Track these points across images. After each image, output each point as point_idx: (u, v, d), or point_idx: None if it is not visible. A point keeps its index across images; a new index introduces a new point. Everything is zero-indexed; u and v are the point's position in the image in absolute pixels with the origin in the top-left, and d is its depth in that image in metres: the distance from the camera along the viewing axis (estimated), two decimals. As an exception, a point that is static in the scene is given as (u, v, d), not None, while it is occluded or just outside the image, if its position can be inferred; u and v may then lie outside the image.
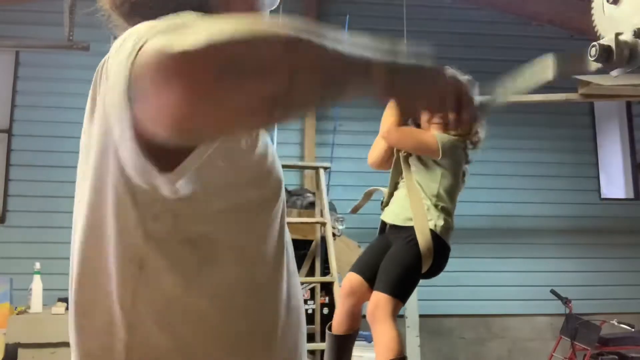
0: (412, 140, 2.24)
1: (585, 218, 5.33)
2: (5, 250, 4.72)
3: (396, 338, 2.07)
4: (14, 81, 5.10)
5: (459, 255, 5.32)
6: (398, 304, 2.12)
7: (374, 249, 2.30)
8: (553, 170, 5.48)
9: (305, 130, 5.20)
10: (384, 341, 2.06)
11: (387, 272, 2.15)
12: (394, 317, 2.09)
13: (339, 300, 2.28)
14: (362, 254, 2.35)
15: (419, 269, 2.16)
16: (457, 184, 2.30)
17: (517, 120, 5.43)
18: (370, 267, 2.23)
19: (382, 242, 2.29)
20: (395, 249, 2.20)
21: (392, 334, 2.06)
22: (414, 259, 2.15)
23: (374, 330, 2.10)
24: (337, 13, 5.36)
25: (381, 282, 2.14)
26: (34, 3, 5.06)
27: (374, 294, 2.14)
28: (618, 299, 5.20)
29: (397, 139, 2.24)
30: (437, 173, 2.24)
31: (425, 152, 2.23)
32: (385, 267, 2.17)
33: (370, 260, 2.26)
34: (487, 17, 5.67)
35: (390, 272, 2.15)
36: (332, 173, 4.27)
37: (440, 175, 2.23)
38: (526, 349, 5.26)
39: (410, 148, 2.26)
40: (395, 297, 2.11)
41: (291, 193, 4.25)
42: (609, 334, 4.50)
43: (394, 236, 2.25)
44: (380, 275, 2.16)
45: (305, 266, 3.86)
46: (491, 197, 5.35)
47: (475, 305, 5.18)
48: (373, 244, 2.33)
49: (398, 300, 2.12)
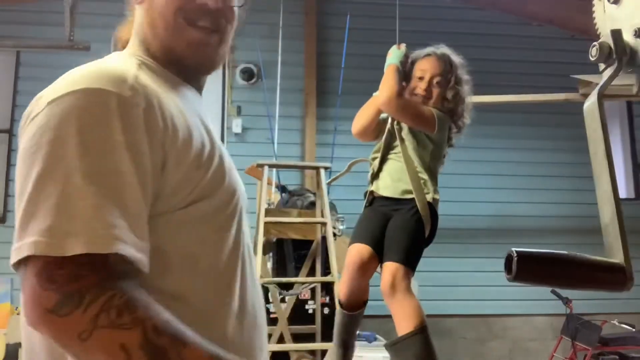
0: (413, 111, 2.22)
1: (585, 218, 5.32)
2: (5, 250, 4.69)
3: (418, 305, 2.06)
4: (14, 81, 5.11)
5: (459, 255, 5.35)
6: (410, 273, 2.12)
7: (373, 221, 2.25)
8: (553, 170, 5.48)
9: (305, 130, 5.20)
10: (409, 310, 2.04)
11: (398, 242, 2.14)
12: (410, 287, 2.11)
13: (348, 274, 2.19)
14: (361, 226, 2.29)
15: (424, 238, 2.19)
16: (441, 160, 2.30)
17: (517, 120, 5.43)
18: (375, 239, 2.20)
19: (379, 214, 2.26)
20: (402, 220, 2.19)
21: (415, 302, 2.06)
22: (419, 229, 2.17)
23: (395, 300, 2.07)
24: (337, 13, 5.36)
25: (395, 253, 2.12)
26: (34, 3, 5.07)
27: (389, 265, 2.11)
28: (619, 299, 5.18)
29: (398, 107, 2.20)
30: (428, 147, 2.23)
31: (423, 125, 2.21)
32: (396, 238, 2.16)
33: (375, 231, 2.22)
34: (487, 17, 5.67)
35: (400, 243, 2.14)
36: (333, 173, 4.27)
37: (430, 149, 2.23)
38: (527, 349, 5.26)
39: (409, 118, 2.23)
40: (408, 266, 2.11)
41: (292, 193, 4.25)
42: (610, 334, 4.50)
43: (392, 208, 2.24)
44: (392, 246, 2.15)
45: (306, 266, 3.86)
46: (491, 197, 5.35)
47: (475, 305, 5.18)
48: (369, 215, 2.29)
49: (410, 269, 2.12)
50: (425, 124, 2.20)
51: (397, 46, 2.34)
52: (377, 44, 5.75)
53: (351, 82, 4.88)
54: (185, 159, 0.84)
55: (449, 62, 2.27)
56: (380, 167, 2.31)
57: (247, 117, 5.16)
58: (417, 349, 2.00)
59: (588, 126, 0.87)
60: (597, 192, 0.85)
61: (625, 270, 0.78)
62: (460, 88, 2.26)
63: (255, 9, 5.39)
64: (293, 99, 5.19)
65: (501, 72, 5.39)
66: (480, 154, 5.24)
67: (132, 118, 0.79)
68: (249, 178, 4.27)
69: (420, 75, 2.26)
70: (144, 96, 0.82)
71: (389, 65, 2.27)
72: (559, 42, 5.61)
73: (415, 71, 2.28)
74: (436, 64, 2.26)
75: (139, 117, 0.80)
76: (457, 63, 2.29)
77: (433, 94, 2.24)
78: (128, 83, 0.82)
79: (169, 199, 0.82)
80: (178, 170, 0.83)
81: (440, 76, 2.24)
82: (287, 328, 3.68)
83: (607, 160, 0.82)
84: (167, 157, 0.82)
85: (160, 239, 0.82)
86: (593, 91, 0.86)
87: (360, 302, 2.24)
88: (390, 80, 2.21)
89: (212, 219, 0.87)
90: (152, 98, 0.83)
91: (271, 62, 5.01)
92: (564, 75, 4.52)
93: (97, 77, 0.81)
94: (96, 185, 0.74)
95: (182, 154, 0.83)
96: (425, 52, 2.31)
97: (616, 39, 0.84)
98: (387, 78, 2.23)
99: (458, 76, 2.27)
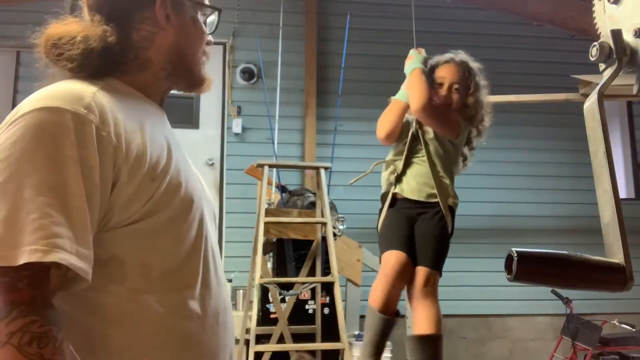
0: (442, 118, 2.28)
1: (585, 218, 5.33)
2: None
3: (440, 313, 2.20)
4: (14, 81, 5.10)
5: (459, 255, 5.33)
6: (440, 277, 2.27)
7: (402, 226, 2.32)
8: (553, 170, 5.47)
9: (306, 130, 5.20)
10: (435, 315, 2.18)
11: (431, 248, 2.26)
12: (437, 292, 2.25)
13: (388, 281, 2.24)
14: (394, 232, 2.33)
15: (449, 242, 2.32)
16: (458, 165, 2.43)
17: (517, 120, 5.42)
18: (409, 244, 2.29)
19: (405, 218, 2.33)
20: (430, 225, 2.29)
21: (439, 310, 2.20)
22: (445, 233, 2.29)
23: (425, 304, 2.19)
24: (337, 13, 5.36)
25: (427, 259, 2.24)
26: (34, 3, 5.07)
27: (422, 269, 2.23)
28: (619, 299, 5.18)
29: (431, 114, 2.25)
30: (450, 152, 2.33)
31: (449, 131, 2.29)
32: (427, 244, 2.27)
33: (407, 237, 2.30)
34: (488, 17, 5.67)
35: (432, 248, 2.26)
36: (333, 173, 4.27)
37: (452, 155, 2.33)
38: (527, 349, 5.26)
39: (439, 125, 2.29)
40: (439, 271, 2.26)
41: (292, 193, 4.25)
42: (610, 334, 4.50)
43: (417, 212, 2.32)
44: (424, 252, 2.25)
45: (306, 266, 3.86)
46: (491, 197, 5.35)
47: (475, 305, 5.18)
48: (398, 220, 2.34)
49: (440, 274, 2.27)
50: (451, 130, 2.28)
51: (417, 50, 2.36)
52: (377, 44, 5.77)
53: (351, 82, 4.88)
54: (139, 172, 0.90)
55: (468, 69, 2.31)
56: (404, 170, 2.34)
57: (247, 117, 5.15)
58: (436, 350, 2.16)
59: (588, 126, 0.87)
60: (597, 192, 0.85)
61: (625, 271, 0.78)
62: (479, 94, 2.32)
63: (255, 9, 5.40)
64: (293, 99, 5.19)
65: (501, 72, 5.38)
66: (480, 154, 5.21)
67: (85, 134, 0.86)
68: (248, 178, 4.27)
69: (440, 82, 2.31)
70: (99, 114, 0.89)
71: (414, 69, 2.28)
72: (559, 42, 5.61)
73: (435, 78, 2.32)
74: (455, 71, 2.31)
75: (90, 134, 0.86)
76: (475, 69, 2.33)
77: (453, 100, 2.29)
78: (84, 102, 0.89)
79: (123, 210, 0.89)
80: (131, 183, 0.90)
81: (459, 83, 2.29)
82: (287, 328, 3.69)
83: (607, 160, 0.82)
84: (119, 172, 0.88)
85: (117, 249, 0.90)
86: (593, 91, 0.86)
87: (395, 306, 2.30)
88: (420, 86, 2.23)
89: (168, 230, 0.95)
90: (108, 116, 0.90)
91: (271, 62, 5.01)
92: (564, 75, 4.51)
93: (56, 96, 0.89)
94: (44, 197, 0.81)
95: (135, 168, 0.90)
96: (445, 58, 2.35)
97: (616, 39, 0.83)
98: (415, 83, 2.25)
99: (477, 82, 2.32)
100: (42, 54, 1.01)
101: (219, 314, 1.02)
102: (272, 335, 3.67)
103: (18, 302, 0.77)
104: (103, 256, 0.89)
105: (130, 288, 0.91)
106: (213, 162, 5.04)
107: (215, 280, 1.03)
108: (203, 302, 0.99)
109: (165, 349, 0.93)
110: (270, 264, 4.05)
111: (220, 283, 1.06)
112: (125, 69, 1.05)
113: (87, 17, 1.06)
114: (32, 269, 0.78)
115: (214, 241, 1.08)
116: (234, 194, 4.99)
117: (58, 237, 0.80)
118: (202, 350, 0.97)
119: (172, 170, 0.97)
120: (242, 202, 4.92)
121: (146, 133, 0.95)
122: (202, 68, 1.13)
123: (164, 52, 1.06)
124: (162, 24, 1.06)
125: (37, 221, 0.79)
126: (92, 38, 0.99)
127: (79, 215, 0.83)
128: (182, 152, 1.07)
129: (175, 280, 0.96)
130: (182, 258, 0.97)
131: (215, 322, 1.01)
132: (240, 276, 4.54)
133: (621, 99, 4.95)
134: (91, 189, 0.85)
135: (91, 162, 0.85)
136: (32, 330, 0.77)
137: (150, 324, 0.92)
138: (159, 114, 1.08)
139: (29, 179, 0.81)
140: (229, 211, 4.98)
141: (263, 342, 3.62)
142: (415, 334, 2.21)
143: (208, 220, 1.06)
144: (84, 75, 0.99)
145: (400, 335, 3.35)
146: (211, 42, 1.15)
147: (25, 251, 0.77)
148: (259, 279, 3.32)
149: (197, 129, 5.09)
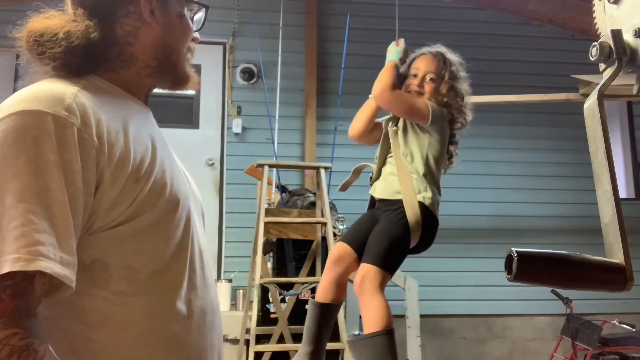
0: (405, 102, 2.23)
1: (585, 218, 5.33)
2: None
3: (385, 308, 2.03)
4: (14, 81, 5.11)
5: (459, 255, 5.35)
6: (386, 275, 2.09)
7: (362, 222, 2.28)
8: (553, 170, 5.48)
9: (305, 130, 5.20)
10: (373, 312, 2.03)
11: (375, 244, 2.14)
12: (382, 289, 2.07)
13: (326, 269, 2.27)
14: (351, 227, 2.35)
15: (407, 241, 2.15)
16: (443, 154, 2.28)
17: (517, 120, 5.43)
18: (359, 239, 2.22)
19: (371, 216, 2.28)
20: (383, 221, 2.19)
21: (380, 304, 2.03)
22: (402, 232, 2.13)
23: (362, 301, 2.08)
24: (337, 13, 5.36)
25: (369, 254, 2.13)
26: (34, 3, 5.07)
27: (362, 265, 2.12)
28: (619, 299, 5.19)
29: (390, 99, 2.21)
30: (425, 141, 2.22)
31: (416, 115, 2.21)
32: (373, 239, 2.15)
33: (360, 232, 2.24)
34: (487, 17, 5.67)
35: (378, 244, 2.13)
36: (333, 173, 4.27)
37: (427, 142, 2.22)
38: (527, 349, 5.26)
39: (401, 109, 2.24)
40: (383, 268, 2.08)
41: (292, 193, 4.25)
42: (610, 334, 4.50)
43: (382, 210, 2.24)
44: (368, 247, 2.15)
45: (306, 266, 3.86)
46: (491, 197, 5.35)
47: (475, 305, 5.18)
48: (362, 217, 2.32)
49: (386, 272, 2.09)
50: (418, 114, 2.19)
51: (395, 43, 2.37)
52: (377, 44, 5.75)
53: (351, 82, 4.88)
54: (122, 174, 0.88)
55: (443, 60, 2.31)
56: (379, 170, 2.33)
57: (247, 117, 5.15)
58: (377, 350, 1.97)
59: (588, 126, 0.87)
60: (597, 192, 0.85)
61: (625, 271, 0.78)
62: (454, 82, 2.28)
63: (255, 9, 5.39)
64: (293, 99, 5.19)
65: (501, 72, 5.38)
66: (480, 154, 5.24)
67: (66, 137, 0.83)
68: (249, 178, 4.27)
69: (414, 73, 2.30)
70: (81, 116, 0.86)
71: (388, 62, 2.31)
72: (559, 42, 5.61)
73: (411, 69, 2.32)
74: (429, 62, 2.30)
75: (72, 137, 0.84)
76: (451, 60, 2.32)
77: (426, 90, 2.27)
78: (65, 103, 0.86)
79: (106, 213, 0.88)
80: (115, 185, 0.88)
81: (433, 73, 2.28)
82: (287, 328, 3.69)
83: (607, 160, 0.82)
84: (102, 174, 0.86)
85: (100, 252, 0.88)
86: (593, 91, 0.86)
87: (335, 298, 2.26)
88: (384, 75, 2.24)
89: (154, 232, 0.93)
90: (89, 117, 0.87)
91: (271, 62, 5.01)
92: (564, 75, 4.51)
93: (36, 99, 0.86)
94: (26, 204, 0.78)
95: (119, 170, 0.88)
96: (421, 51, 2.36)
97: (616, 39, 0.83)
98: (382, 73, 2.26)
99: (453, 72, 2.29)
100: (25, 49, 1.01)
101: (206, 315, 1.01)
102: (272, 335, 3.67)
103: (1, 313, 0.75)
104: (86, 260, 0.87)
105: (114, 291, 0.89)
106: (213, 162, 5.03)
107: (202, 281, 1.02)
108: (189, 302, 0.97)
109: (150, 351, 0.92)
110: (270, 264, 4.05)
111: (208, 283, 1.04)
112: (108, 65, 1.02)
113: (70, 10, 1.03)
114: (16, 278, 0.76)
115: (202, 240, 1.06)
116: (234, 194, 4.99)
117: (41, 244, 0.77)
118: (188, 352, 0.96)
119: (157, 170, 0.95)
120: (242, 202, 4.92)
121: (130, 133, 0.93)
122: (187, 65, 1.10)
123: (149, 48, 1.04)
124: (147, 18, 1.03)
125: (19, 228, 0.77)
126: (74, 35, 0.96)
127: (62, 221, 0.81)
128: (167, 150, 1.05)
129: (162, 281, 0.94)
130: (168, 259, 0.95)
131: (202, 322, 1.00)
132: (240, 276, 4.54)
133: (621, 99, 4.96)
134: (74, 194, 0.82)
135: (73, 166, 0.83)
136: (11, 343, 0.75)
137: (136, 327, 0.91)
138: (144, 112, 1.06)
139: (10, 185, 0.79)
140: (229, 211, 4.98)
141: (263, 342, 3.62)
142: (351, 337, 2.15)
143: (196, 218, 1.04)
144: (65, 74, 0.96)
145: (400, 336, 3.35)
146: (197, 39, 1.13)
147: (8, 260, 0.75)
148: (259, 278, 3.32)
149: (197, 129, 5.09)
